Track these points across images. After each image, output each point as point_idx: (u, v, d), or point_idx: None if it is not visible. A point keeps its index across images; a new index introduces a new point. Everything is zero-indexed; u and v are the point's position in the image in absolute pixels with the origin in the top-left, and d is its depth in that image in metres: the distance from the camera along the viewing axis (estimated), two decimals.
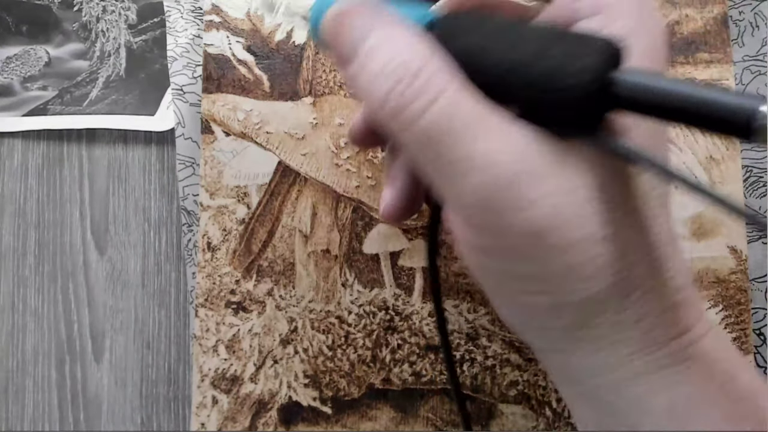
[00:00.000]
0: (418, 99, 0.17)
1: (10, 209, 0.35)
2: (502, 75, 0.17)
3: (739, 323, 0.29)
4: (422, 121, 0.17)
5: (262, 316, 0.31)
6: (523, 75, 0.17)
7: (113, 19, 0.36)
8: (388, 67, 0.18)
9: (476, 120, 0.17)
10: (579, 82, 0.16)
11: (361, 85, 0.19)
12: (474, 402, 0.30)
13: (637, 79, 0.16)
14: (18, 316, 0.34)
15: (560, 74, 0.16)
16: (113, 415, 0.33)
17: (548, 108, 0.17)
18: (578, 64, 0.16)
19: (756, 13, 0.31)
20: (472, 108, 0.17)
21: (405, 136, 0.18)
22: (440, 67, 0.18)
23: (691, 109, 0.15)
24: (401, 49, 0.18)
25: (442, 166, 0.18)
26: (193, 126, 0.32)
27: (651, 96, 0.16)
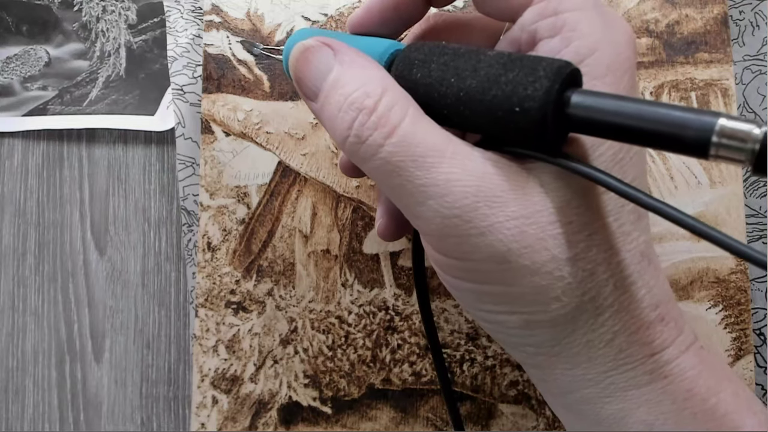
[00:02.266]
0: (375, 133, 0.18)
1: (10, 209, 0.35)
2: (458, 104, 0.18)
3: (739, 323, 0.29)
4: (381, 153, 0.18)
5: (262, 316, 0.31)
6: (478, 103, 0.17)
7: (113, 19, 0.36)
8: (346, 102, 0.18)
9: (432, 149, 0.17)
10: (530, 107, 0.16)
11: (324, 120, 0.20)
12: (474, 402, 0.30)
13: (588, 102, 0.16)
14: (18, 316, 0.34)
15: (512, 100, 0.16)
16: (113, 415, 0.33)
17: (505, 133, 0.17)
18: (529, 90, 0.16)
19: (756, 13, 0.31)
20: (427, 138, 0.18)
21: (367, 167, 0.19)
22: (396, 100, 0.18)
23: (646, 129, 0.15)
24: (358, 85, 0.18)
25: (403, 195, 0.18)
26: (193, 126, 0.32)
27: (604, 117, 0.16)
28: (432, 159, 0.17)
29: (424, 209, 0.18)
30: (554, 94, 0.16)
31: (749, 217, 0.30)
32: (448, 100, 0.18)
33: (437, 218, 0.18)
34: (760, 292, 0.30)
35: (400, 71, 0.19)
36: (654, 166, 0.30)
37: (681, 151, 0.15)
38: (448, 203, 0.17)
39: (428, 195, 0.17)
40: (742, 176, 0.30)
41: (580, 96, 0.16)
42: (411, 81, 0.19)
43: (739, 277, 0.29)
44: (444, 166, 0.17)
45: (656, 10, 0.31)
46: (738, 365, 0.29)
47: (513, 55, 0.18)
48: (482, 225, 0.17)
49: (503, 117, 0.17)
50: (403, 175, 0.18)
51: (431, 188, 0.17)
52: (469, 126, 0.18)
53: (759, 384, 0.29)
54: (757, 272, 0.30)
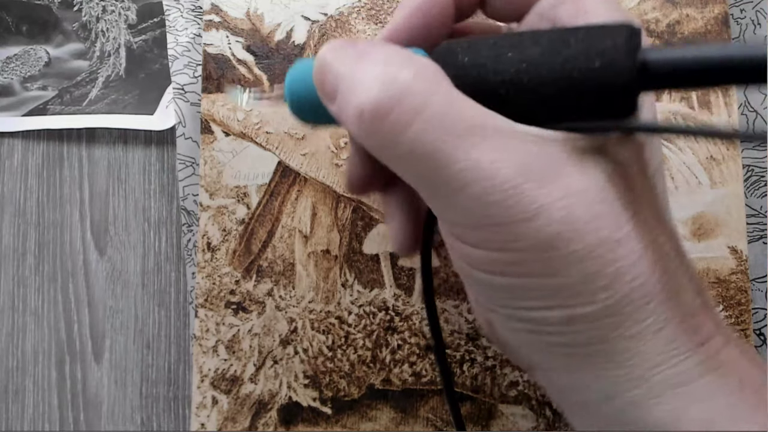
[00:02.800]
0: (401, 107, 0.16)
1: (10, 209, 0.35)
2: (518, 77, 0.16)
3: (739, 323, 0.29)
4: (409, 132, 0.16)
5: (262, 317, 0.31)
6: (546, 68, 0.16)
7: (113, 19, 0.36)
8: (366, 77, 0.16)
9: (472, 125, 0.16)
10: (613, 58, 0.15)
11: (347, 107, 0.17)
12: (474, 402, 0.30)
13: (665, 54, 0.16)
14: (18, 316, 0.34)
15: (589, 55, 0.15)
16: (113, 415, 0.33)
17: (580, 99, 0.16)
18: (608, 42, 0.15)
19: (758, 11, 0.31)
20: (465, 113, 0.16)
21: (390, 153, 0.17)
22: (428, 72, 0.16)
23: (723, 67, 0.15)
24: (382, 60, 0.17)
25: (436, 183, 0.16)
26: (193, 126, 0.32)
27: (682, 66, 0.15)
28: (472, 137, 0.15)
29: (461, 197, 0.16)
30: (635, 43, 0.15)
31: (749, 217, 0.30)
32: (506, 75, 0.16)
33: (477, 206, 0.16)
34: (760, 293, 0.30)
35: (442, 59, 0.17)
36: None
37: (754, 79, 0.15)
38: (492, 187, 0.15)
39: (468, 180, 0.15)
40: (742, 176, 0.30)
41: (653, 52, 0.16)
42: (457, 68, 0.17)
43: (740, 278, 0.29)
44: (486, 145, 0.15)
45: (657, 9, 0.31)
46: None
47: (558, 28, 0.17)
48: (531, 208, 0.15)
49: (579, 78, 0.15)
50: (435, 159, 0.16)
51: (473, 171, 0.15)
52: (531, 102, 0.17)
53: None
54: (758, 272, 0.30)
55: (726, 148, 0.30)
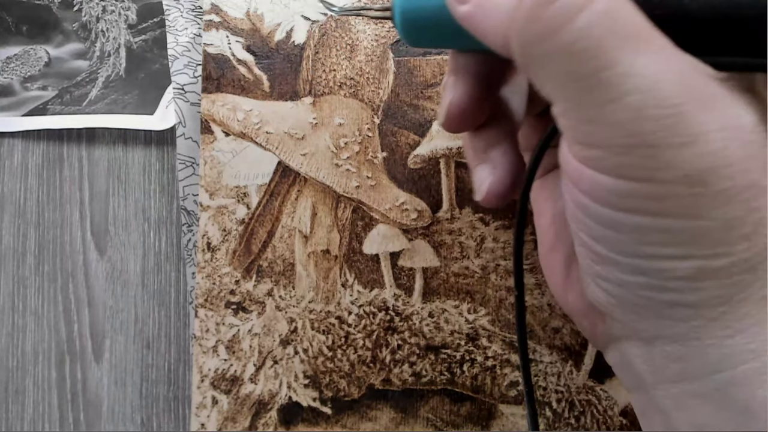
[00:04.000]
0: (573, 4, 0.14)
1: (10, 209, 0.35)
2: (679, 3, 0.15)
3: None
4: (578, 21, 0.14)
5: (262, 317, 0.31)
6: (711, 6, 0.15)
7: (113, 19, 0.36)
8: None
9: (637, 33, 0.14)
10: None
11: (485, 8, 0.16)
12: (474, 402, 0.30)
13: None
14: (18, 316, 0.34)
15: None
16: (113, 415, 0.33)
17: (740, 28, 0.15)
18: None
19: None
20: (633, 17, 0.14)
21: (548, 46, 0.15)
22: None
23: None
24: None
25: (591, 87, 0.15)
26: (193, 126, 0.32)
27: None
28: (640, 43, 0.14)
29: (616, 108, 0.14)
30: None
31: None
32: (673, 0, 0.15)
33: (632, 120, 0.14)
34: None
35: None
36: None
37: None
38: (654, 101, 0.14)
39: (629, 88, 0.14)
40: None
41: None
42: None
43: None
44: (654, 54, 0.14)
45: None
46: None
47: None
48: (689, 133, 0.14)
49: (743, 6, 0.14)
50: (601, 57, 0.14)
51: (636, 78, 0.14)
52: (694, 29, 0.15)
53: None
54: None
55: None
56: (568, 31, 0.14)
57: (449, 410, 0.30)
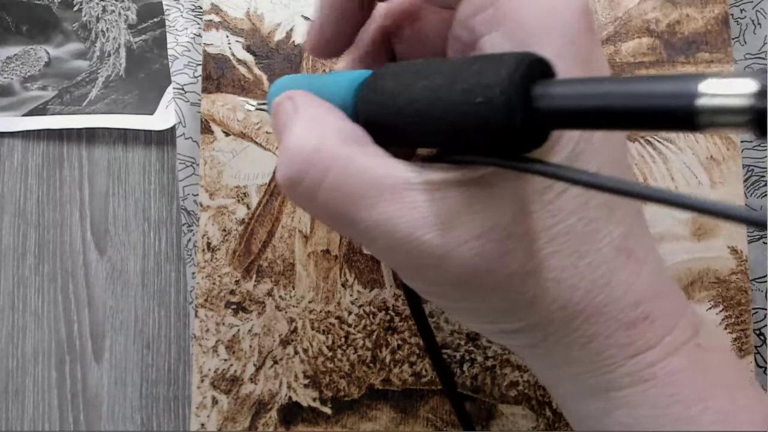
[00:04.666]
0: (308, 176, 0.17)
1: (10, 209, 0.35)
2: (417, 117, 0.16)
3: (739, 323, 0.29)
4: (318, 197, 0.17)
5: (262, 317, 0.31)
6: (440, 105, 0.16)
7: (113, 19, 0.36)
8: (285, 146, 0.18)
9: (369, 189, 0.17)
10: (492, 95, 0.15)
11: None
12: (474, 402, 0.30)
13: (552, 90, 0.14)
14: (18, 316, 0.34)
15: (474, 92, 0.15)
16: (113, 415, 0.33)
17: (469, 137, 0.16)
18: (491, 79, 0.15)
19: (758, 11, 0.31)
20: (363, 177, 0.17)
21: (311, 212, 0.19)
22: (329, 140, 0.17)
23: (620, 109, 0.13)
24: (298, 129, 0.18)
25: (353, 235, 0.18)
26: (193, 126, 0.32)
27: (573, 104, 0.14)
28: (370, 199, 0.17)
29: (375, 249, 0.17)
30: (517, 78, 0.14)
31: None
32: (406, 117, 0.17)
33: (390, 256, 0.17)
34: (760, 293, 0.30)
35: (363, 101, 0.19)
36: (655, 166, 0.30)
37: (667, 127, 0.13)
38: (395, 242, 0.17)
39: (374, 236, 0.17)
40: (742, 176, 0.30)
41: (546, 86, 0.14)
42: (373, 106, 0.18)
43: (740, 278, 0.29)
44: (384, 203, 0.16)
45: (657, 9, 0.31)
46: None
47: (471, 56, 0.16)
48: (437, 254, 0.16)
49: (467, 114, 0.15)
50: (344, 219, 0.17)
51: (375, 229, 0.17)
52: (431, 137, 0.17)
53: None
54: (758, 272, 0.30)
55: (726, 149, 0.30)
56: (316, 205, 0.17)
57: (449, 410, 0.30)
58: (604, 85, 0.14)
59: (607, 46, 0.31)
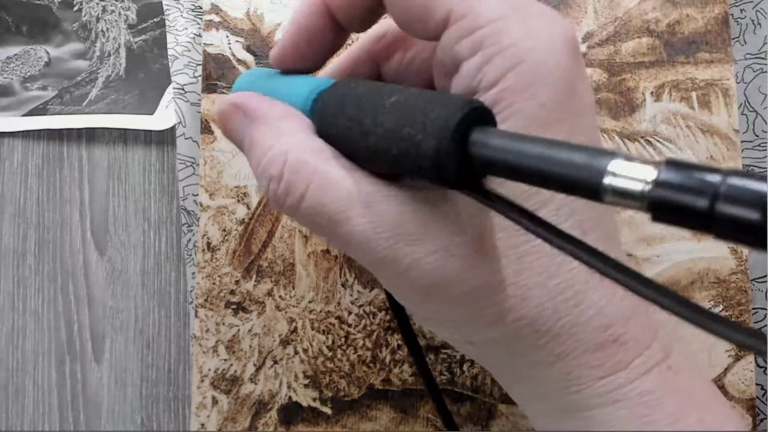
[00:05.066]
0: (288, 199, 0.18)
1: (10, 209, 0.35)
2: (367, 151, 0.18)
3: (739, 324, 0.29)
4: (298, 215, 0.18)
5: (262, 317, 0.31)
6: (383, 151, 0.17)
7: (113, 19, 0.36)
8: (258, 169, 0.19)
9: (344, 204, 0.17)
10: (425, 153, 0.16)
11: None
12: (474, 402, 0.30)
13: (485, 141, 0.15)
14: (18, 316, 0.34)
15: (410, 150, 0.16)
16: (113, 415, 0.33)
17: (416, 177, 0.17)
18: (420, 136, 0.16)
19: (758, 11, 0.31)
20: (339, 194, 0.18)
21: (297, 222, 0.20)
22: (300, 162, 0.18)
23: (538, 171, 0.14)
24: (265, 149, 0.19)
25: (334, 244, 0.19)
26: (193, 125, 0.32)
27: (500, 157, 0.15)
28: (346, 213, 0.17)
29: (354, 256, 0.19)
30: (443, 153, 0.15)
31: None
32: (362, 143, 0.18)
33: (365, 262, 0.18)
34: (760, 293, 0.30)
35: (318, 116, 0.19)
36: None
37: (576, 193, 0.14)
38: (369, 251, 0.17)
39: (351, 245, 0.18)
40: None
41: (480, 134, 0.15)
42: (328, 125, 0.19)
43: (740, 278, 0.29)
44: (357, 218, 0.17)
45: (657, 9, 0.31)
46: (738, 365, 0.29)
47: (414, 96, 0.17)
48: (404, 263, 0.17)
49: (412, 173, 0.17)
50: (325, 231, 0.18)
51: (351, 240, 0.18)
52: (384, 167, 0.18)
53: (759, 384, 0.29)
54: (758, 272, 0.30)
55: (726, 149, 0.30)
56: (299, 219, 0.19)
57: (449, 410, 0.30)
58: (527, 144, 0.14)
59: (607, 46, 0.31)
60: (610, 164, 0.13)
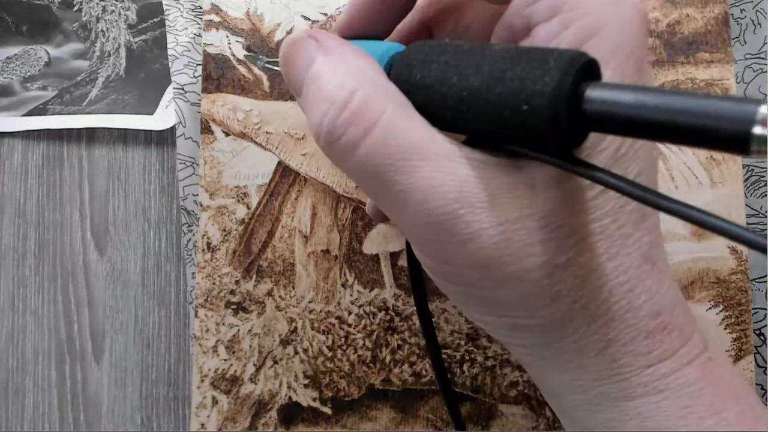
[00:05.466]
0: (349, 131, 0.16)
1: (10, 209, 0.35)
2: (461, 105, 0.16)
3: (739, 323, 0.29)
4: (356, 155, 0.17)
5: (262, 317, 0.31)
6: (483, 102, 0.16)
7: (113, 19, 0.36)
8: (320, 95, 0.17)
9: (413, 151, 0.16)
10: (539, 104, 0.14)
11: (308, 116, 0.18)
12: (474, 402, 0.30)
13: (606, 96, 0.14)
14: (18, 316, 0.34)
15: (520, 97, 0.15)
16: (113, 415, 0.33)
17: (513, 135, 0.16)
18: (538, 85, 0.15)
19: (758, 11, 0.31)
20: (408, 138, 0.16)
21: (344, 168, 0.18)
22: (374, 93, 0.17)
23: (672, 124, 0.13)
24: (334, 76, 0.17)
25: (383, 199, 0.17)
26: (193, 126, 0.32)
27: (624, 112, 0.14)
28: (412, 162, 0.16)
29: (404, 215, 0.17)
30: (566, 88, 0.14)
31: (749, 217, 0.30)
32: (450, 101, 0.16)
33: (417, 225, 0.17)
34: (760, 293, 0.30)
35: (398, 74, 0.18)
36: None
37: (718, 147, 0.13)
38: (428, 210, 0.16)
39: (407, 201, 0.16)
40: (742, 176, 0.30)
41: (597, 89, 0.14)
42: (411, 84, 0.17)
43: (740, 278, 0.29)
44: (424, 169, 0.16)
45: (657, 9, 0.31)
46: (738, 365, 0.29)
47: (521, 48, 0.16)
48: (465, 232, 0.16)
49: (511, 117, 0.15)
50: (381, 180, 0.17)
51: (410, 194, 0.16)
52: (473, 129, 0.17)
53: (759, 384, 0.29)
54: (758, 272, 0.30)
55: None
56: (353, 162, 0.17)
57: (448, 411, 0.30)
58: (657, 96, 0.13)
59: None
60: (758, 112, 0.12)
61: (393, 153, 0.16)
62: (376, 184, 0.17)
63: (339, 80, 0.17)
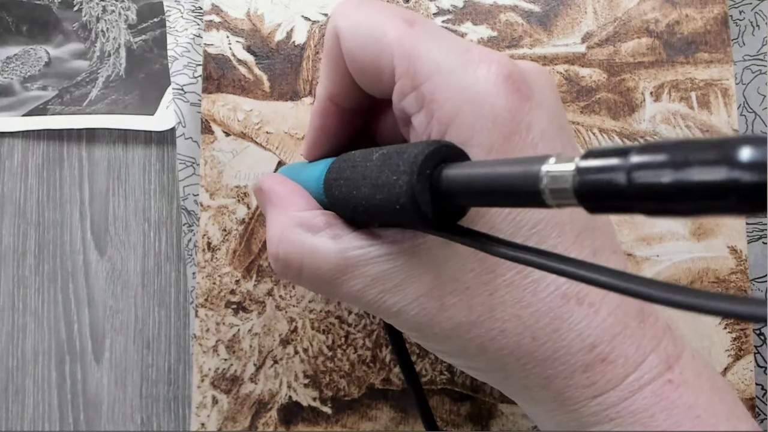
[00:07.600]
0: (289, 274, 0.21)
1: (10, 209, 0.35)
2: (364, 210, 0.19)
3: (739, 323, 0.29)
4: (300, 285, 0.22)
5: (262, 316, 0.31)
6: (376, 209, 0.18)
7: (113, 19, 0.36)
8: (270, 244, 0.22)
9: (334, 274, 0.20)
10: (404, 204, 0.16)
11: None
12: (474, 402, 0.30)
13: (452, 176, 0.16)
14: (18, 316, 0.34)
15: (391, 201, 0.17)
16: (113, 415, 0.33)
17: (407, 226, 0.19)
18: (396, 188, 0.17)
19: (756, 13, 0.31)
20: (327, 264, 0.20)
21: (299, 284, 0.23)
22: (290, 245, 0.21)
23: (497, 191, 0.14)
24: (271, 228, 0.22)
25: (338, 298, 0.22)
26: (193, 126, 0.32)
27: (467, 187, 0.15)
28: (338, 280, 0.20)
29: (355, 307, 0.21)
30: (416, 185, 0.16)
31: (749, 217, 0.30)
32: (358, 208, 0.19)
33: (366, 309, 0.21)
34: (760, 293, 0.30)
35: (326, 190, 0.22)
36: None
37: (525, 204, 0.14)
38: (365, 304, 0.20)
39: (349, 301, 0.21)
40: None
41: (448, 170, 0.16)
42: (333, 197, 0.21)
43: (739, 278, 0.29)
44: (348, 281, 0.20)
45: (656, 10, 0.31)
46: (738, 365, 0.29)
47: (388, 152, 0.18)
48: (393, 311, 0.19)
49: (396, 212, 0.17)
50: (325, 294, 0.21)
51: (349, 298, 0.20)
52: (381, 222, 0.20)
53: (759, 384, 0.29)
54: (758, 272, 0.30)
55: None
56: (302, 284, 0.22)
57: (449, 410, 0.30)
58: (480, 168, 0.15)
59: (606, 46, 0.31)
60: (543, 167, 0.12)
61: (322, 279, 0.20)
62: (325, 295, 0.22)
63: (271, 233, 0.22)
